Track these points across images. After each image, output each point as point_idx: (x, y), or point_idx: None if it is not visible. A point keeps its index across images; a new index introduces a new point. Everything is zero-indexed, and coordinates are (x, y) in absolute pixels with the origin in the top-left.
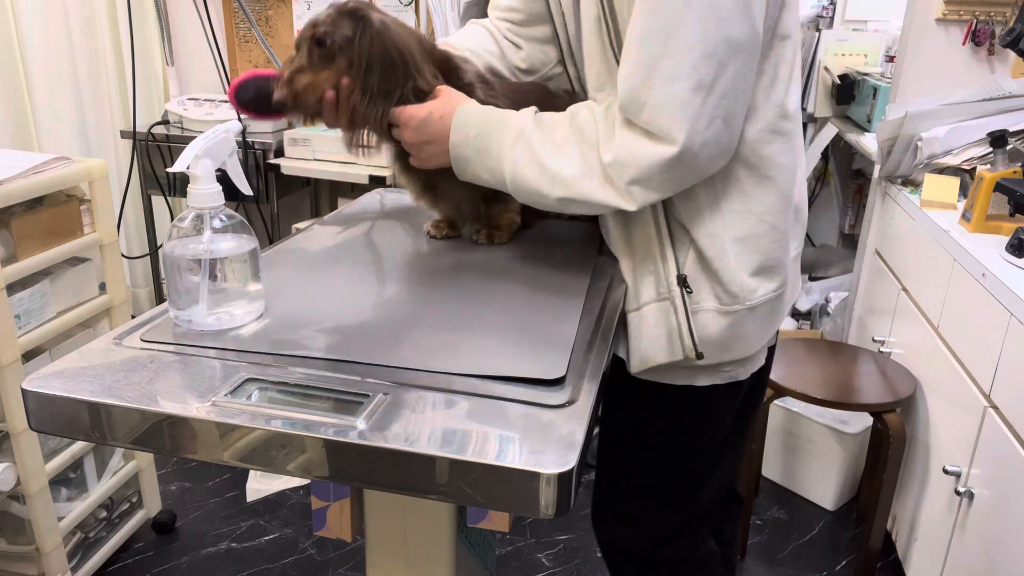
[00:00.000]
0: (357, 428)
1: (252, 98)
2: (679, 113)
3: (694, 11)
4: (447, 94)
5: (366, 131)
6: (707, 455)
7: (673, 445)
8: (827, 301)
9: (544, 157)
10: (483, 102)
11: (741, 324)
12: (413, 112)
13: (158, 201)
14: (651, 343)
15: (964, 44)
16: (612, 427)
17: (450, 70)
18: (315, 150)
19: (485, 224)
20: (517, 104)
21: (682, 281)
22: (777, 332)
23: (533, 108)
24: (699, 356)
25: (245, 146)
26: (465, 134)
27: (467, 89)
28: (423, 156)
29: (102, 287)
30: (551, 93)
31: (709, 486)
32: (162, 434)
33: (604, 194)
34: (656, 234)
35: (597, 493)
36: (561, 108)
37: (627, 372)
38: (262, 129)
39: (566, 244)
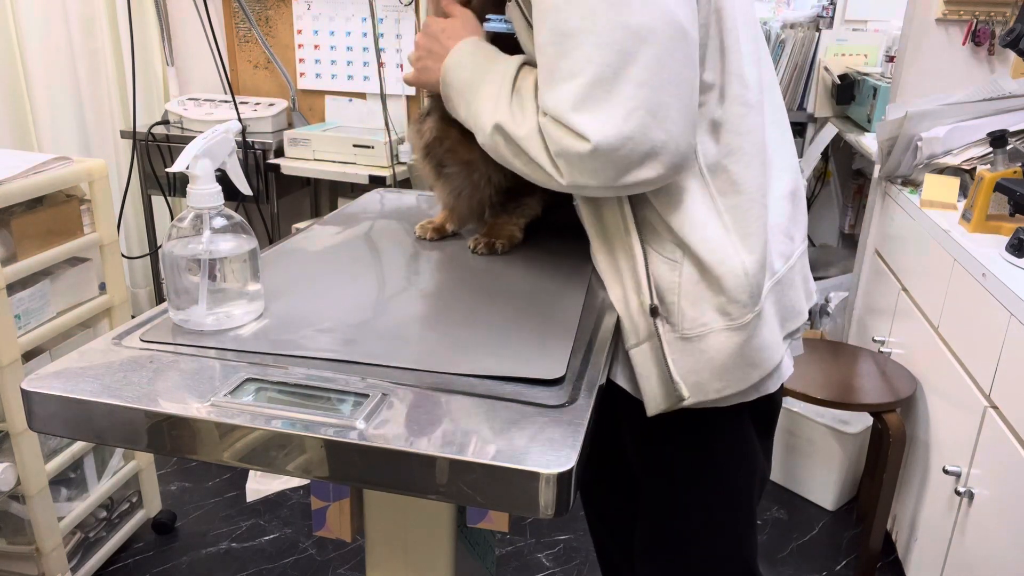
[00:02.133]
0: (357, 428)
1: None
2: (583, 109)
3: (581, 3)
4: (466, 19)
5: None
6: (747, 487)
7: (709, 481)
8: (827, 301)
9: (503, 117)
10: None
11: (757, 335)
12: (431, 21)
13: (158, 201)
14: (649, 385)
15: (964, 44)
16: (638, 469)
17: None
18: (315, 150)
19: (485, 233)
20: None
21: (653, 312)
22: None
23: (520, 59)
24: (679, 399)
25: (245, 146)
26: (459, 66)
27: None
28: (419, 66)
29: (102, 287)
30: None
31: (753, 526)
32: (162, 434)
33: (542, 158)
34: (637, 254)
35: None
36: None
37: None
38: (262, 129)
39: (566, 244)
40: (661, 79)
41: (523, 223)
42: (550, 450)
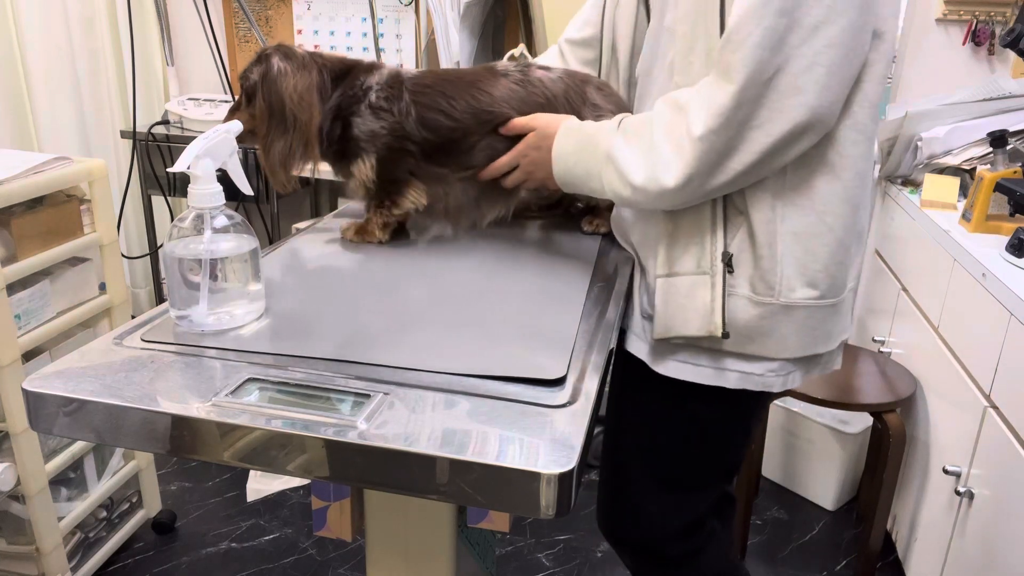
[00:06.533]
0: (357, 428)
1: None
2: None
3: None
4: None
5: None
6: (724, 459)
7: (694, 443)
8: None
9: (625, 167)
10: (376, 107)
11: (771, 319)
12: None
13: (158, 201)
14: (677, 312)
15: (964, 44)
16: (625, 426)
17: (348, 85)
18: None
19: (356, 224)
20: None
21: (727, 259)
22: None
23: (620, 117)
24: (725, 335)
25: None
26: (566, 164)
27: (362, 97)
28: (526, 163)
29: (102, 287)
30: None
31: (720, 482)
32: (163, 434)
33: (678, 170)
34: (711, 209)
35: (604, 495)
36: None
37: (646, 371)
38: None
39: (567, 244)
40: (847, 46)
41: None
42: (551, 450)
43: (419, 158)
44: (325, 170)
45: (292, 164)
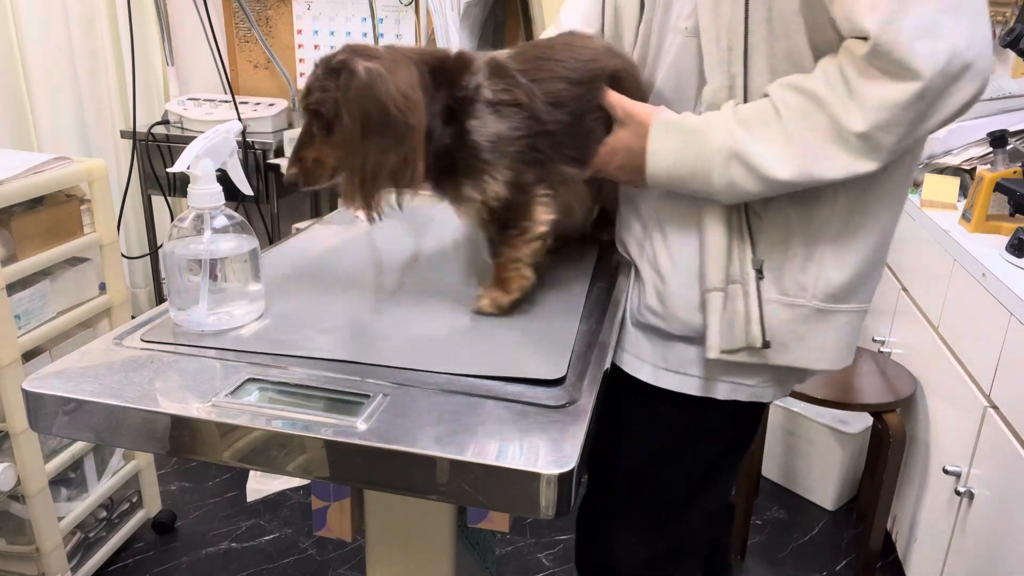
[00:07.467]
0: (357, 428)
1: None
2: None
3: None
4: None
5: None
6: (701, 475)
7: (671, 457)
8: None
9: (763, 163)
10: (497, 102)
11: (804, 323)
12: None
13: (158, 201)
14: (710, 329)
15: None
16: (609, 439)
17: (449, 81)
18: None
19: (485, 284)
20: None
21: (758, 266)
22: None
23: (728, 109)
24: (766, 345)
25: (245, 146)
26: (664, 166)
27: (473, 94)
28: (616, 163)
29: (102, 287)
30: (612, 53)
31: (696, 508)
32: (162, 434)
33: (844, 164)
34: (737, 215)
35: (582, 515)
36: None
37: (631, 380)
38: (262, 129)
39: (567, 245)
40: (985, 19)
41: (533, 259)
42: (551, 451)
43: (551, 157)
44: None
45: (400, 181)
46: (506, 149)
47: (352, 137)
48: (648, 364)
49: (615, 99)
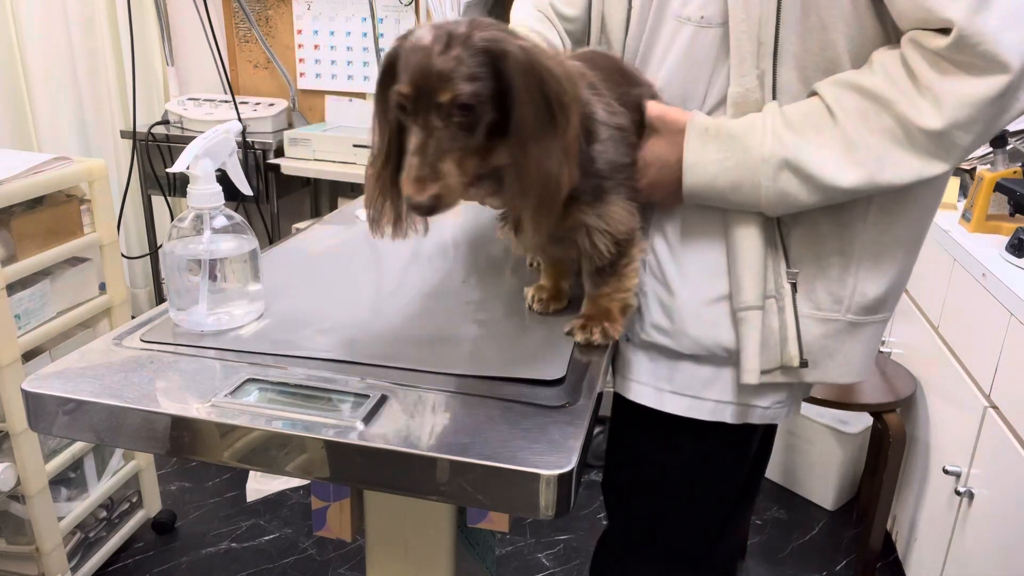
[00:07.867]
0: (357, 428)
1: None
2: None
3: None
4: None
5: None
6: (727, 503)
7: (694, 488)
8: None
9: (822, 171)
10: (615, 126)
11: (835, 338)
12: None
13: (158, 201)
14: (748, 352)
15: None
16: (627, 472)
17: None
18: (315, 150)
19: (587, 315)
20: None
21: (794, 279)
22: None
23: (771, 111)
24: (803, 364)
25: (245, 146)
26: (705, 179)
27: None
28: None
29: (102, 287)
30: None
31: (726, 538)
32: (162, 435)
33: (914, 168)
34: (769, 223)
35: (607, 542)
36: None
37: (631, 407)
38: (262, 129)
39: None
40: None
41: (633, 283)
42: (550, 451)
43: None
44: (327, 170)
45: (564, 186)
46: (618, 176)
47: (530, 135)
48: (649, 387)
49: (658, 110)
